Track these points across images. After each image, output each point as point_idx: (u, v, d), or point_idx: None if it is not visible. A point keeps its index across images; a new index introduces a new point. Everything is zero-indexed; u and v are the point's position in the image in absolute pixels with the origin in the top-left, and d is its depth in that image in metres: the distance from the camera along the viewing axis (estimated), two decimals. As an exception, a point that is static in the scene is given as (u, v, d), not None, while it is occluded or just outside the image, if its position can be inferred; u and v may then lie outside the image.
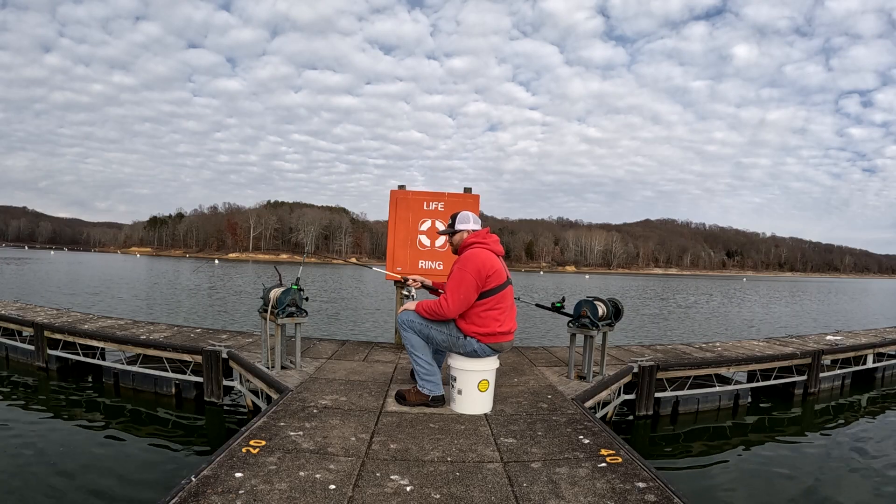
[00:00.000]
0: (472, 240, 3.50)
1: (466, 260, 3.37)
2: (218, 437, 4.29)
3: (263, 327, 4.39)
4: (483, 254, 3.39)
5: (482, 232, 3.55)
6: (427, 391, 3.52)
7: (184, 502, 2.05)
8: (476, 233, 3.55)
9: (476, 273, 3.31)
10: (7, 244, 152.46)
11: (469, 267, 3.32)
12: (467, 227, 3.60)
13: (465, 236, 3.58)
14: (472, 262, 3.34)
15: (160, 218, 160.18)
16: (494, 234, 3.58)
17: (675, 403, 5.20)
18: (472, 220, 3.61)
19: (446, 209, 5.84)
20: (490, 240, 3.50)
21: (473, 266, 3.32)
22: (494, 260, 3.42)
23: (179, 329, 6.21)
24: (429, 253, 5.81)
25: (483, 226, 3.64)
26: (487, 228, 3.59)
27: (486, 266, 3.33)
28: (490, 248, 3.46)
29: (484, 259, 3.35)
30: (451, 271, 3.43)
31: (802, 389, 5.99)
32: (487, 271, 3.33)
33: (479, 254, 3.39)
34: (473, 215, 3.65)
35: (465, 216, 3.63)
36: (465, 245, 3.51)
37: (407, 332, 3.50)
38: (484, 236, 3.51)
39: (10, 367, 6.12)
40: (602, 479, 2.42)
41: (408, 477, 2.41)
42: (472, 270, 3.31)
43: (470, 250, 3.44)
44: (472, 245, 3.47)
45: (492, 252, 3.45)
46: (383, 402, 3.63)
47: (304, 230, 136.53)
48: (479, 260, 3.34)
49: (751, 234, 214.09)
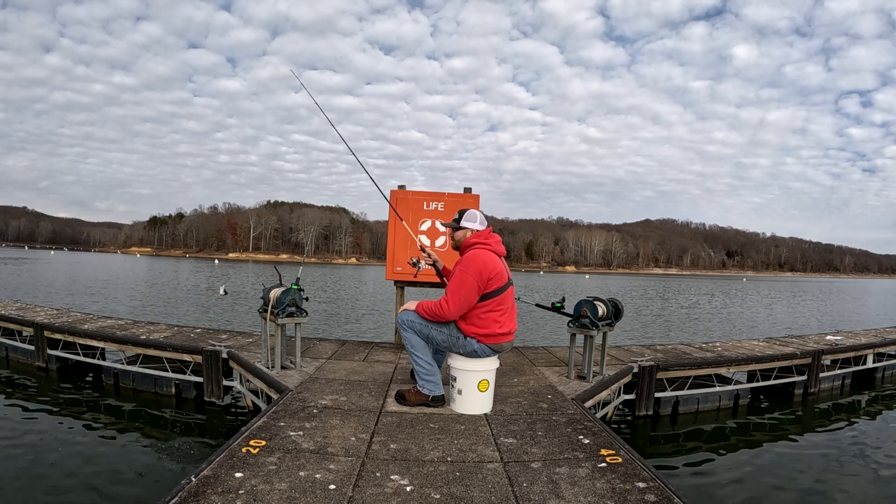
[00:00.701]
0: (474, 240, 3.48)
1: (469, 261, 3.35)
2: (218, 437, 4.29)
3: (263, 327, 4.39)
4: (485, 255, 3.37)
5: (485, 232, 3.53)
6: (427, 391, 3.51)
7: (184, 502, 2.05)
8: (479, 233, 3.53)
9: (478, 275, 3.29)
10: (7, 244, 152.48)
11: (471, 269, 3.31)
12: (472, 225, 3.56)
13: (468, 235, 3.55)
14: (474, 263, 3.33)
15: (160, 218, 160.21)
16: (497, 235, 3.57)
17: (675, 403, 5.20)
18: (478, 220, 3.59)
19: (446, 209, 5.84)
20: (492, 240, 3.49)
21: (475, 268, 3.31)
22: (496, 261, 3.41)
23: (179, 329, 6.21)
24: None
25: (486, 226, 3.64)
26: (490, 228, 3.58)
27: (488, 268, 3.32)
28: (492, 249, 3.44)
29: (486, 261, 3.34)
30: (453, 272, 3.42)
31: (802, 389, 5.99)
32: (489, 273, 3.31)
33: (482, 255, 3.37)
34: (481, 215, 3.62)
35: (472, 214, 3.60)
36: (468, 245, 3.49)
37: (407, 333, 3.49)
38: (486, 236, 3.49)
39: (10, 367, 6.12)
40: (602, 479, 2.42)
41: (408, 477, 2.41)
42: (475, 273, 3.30)
43: (472, 251, 3.42)
44: (475, 245, 3.45)
45: (494, 253, 3.44)
46: (383, 402, 3.63)
47: (304, 230, 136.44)
48: (482, 262, 3.33)
49: (751, 234, 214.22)
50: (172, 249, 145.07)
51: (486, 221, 3.63)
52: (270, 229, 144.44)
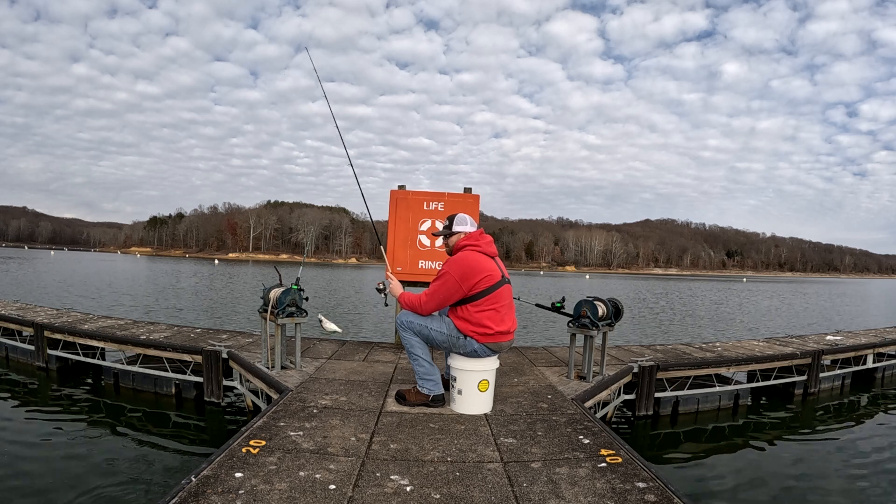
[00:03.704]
0: (464, 242, 3.50)
1: (453, 263, 3.39)
2: (218, 437, 4.29)
3: (263, 327, 4.39)
4: (472, 256, 3.39)
5: (475, 234, 3.54)
6: (427, 391, 3.52)
7: (184, 502, 2.05)
8: (469, 235, 3.54)
9: (461, 277, 3.32)
10: (7, 244, 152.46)
11: (454, 270, 3.34)
12: (463, 228, 3.59)
13: (460, 237, 3.58)
14: (458, 265, 3.36)
15: (160, 218, 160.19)
16: (488, 236, 3.58)
17: (675, 403, 5.20)
18: (468, 223, 3.61)
19: (446, 209, 5.84)
20: (482, 241, 3.50)
21: (459, 270, 3.33)
22: (485, 262, 3.41)
23: (179, 329, 6.21)
24: (429, 253, 5.81)
25: (481, 226, 3.65)
26: (481, 230, 3.59)
27: (474, 270, 3.34)
28: (481, 250, 3.46)
29: (472, 263, 3.36)
30: (440, 271, 3.45)
31: (802, 389, 5.99)
32: (477, 275, 3.33)
33: (468, 256, 3.39)
34: (470, 218, 3.64)
35: (462, 218, 3.63)
36: (458, 248, 3.52)
37: (406, 333, 3.49)
38: (477, 238, 3.51)
39: (10, 367, 6.11)
40: (602, 479, 2.42)
41: (408, 477, 2.41)
42: (458, 274, 3.32)
43: (460, 253, 3.45)
44: (465, 248, 3.47)
45: (484, 254, 3.45)
46: (383, 402, 3.63)
47: (304, 230, 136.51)
48: (466, 264, 3.35)
49: (751, 234, 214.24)
50: (172, 249, 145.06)
51: (475, 224, 3.65)
52: (270, 229, 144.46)
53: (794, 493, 3.61)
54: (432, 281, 3.47)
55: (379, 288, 3.95)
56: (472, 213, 5.75)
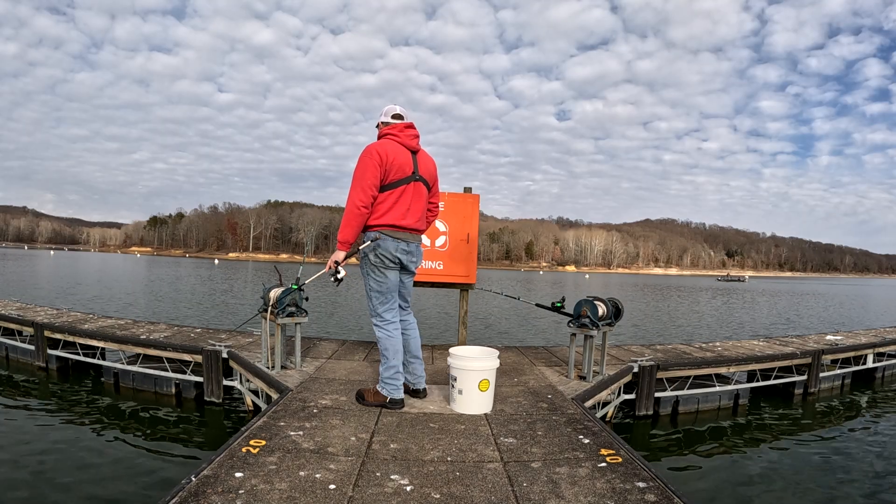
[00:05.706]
0: (385, 131, 3.39)
1: (367, 148, 3.26)
2: (218, 437, 4.29)
3: (263, 327, 4.39)
4: (389, 145, 3.28)
5: (399, 125, 3.40)
6: (386, 392, 3.46)
7: (184, 502, 2.05)
8: (391, 125, 3.41)
9: (378, 161, 3.18)
10: (7, 244, 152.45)
11: (369, 154, 3.20)
12: (384, 119, 3.44)
13: (382, 129, 3.45)
14: (369, 150, 3.23)
15: (160, 218, 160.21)
16: (414, 129, 3.44)
17: (675, 403, 5.20)
18: (390, 115, 3.43)
19: (446, 209, 5.83)
20: (404, 134, 3.37)
21: (372, 154, 3.20)
22: (399, 151, 3.29)
23: (179, 329, 6.21)
24: (429, 253, 5.80)
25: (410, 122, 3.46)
26: (407, 123, 3.43)
27: (388, 156, 3.22)
28: (400, 141, 3.34)
29: (388, 150, 3.24)
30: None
31: (802, 389, 5.99)
32: (389, 162, 3.22)
33: (383, 143, 3.28)
34: (398, 109, 3.46)
35: (388, 109, 3.47)
36: (379, 137, 3.42)
37: (378, 332, 3.45)
38: (399, 130, 3.38)
39: (10, 367, 6.12)
40: (602, 479, 2.42)
41: (408, 477, 2.41)
42: (369, 155, 3.19)
43: (377, 141, 3.35)
44: (384, 137, 3.37)
45: (401, 146, 3.34)
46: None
47: (304, 230, 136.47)
48: (383, 149, 3.23)
49: (751, 233, 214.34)
50: (172, 249, 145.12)
51: (404, 115, 3.47)
52: (270, 229, 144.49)
53: (794, 493, 3.61)
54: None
55: (338, 278, 3.31)
56: (472, 212, 5.75)
